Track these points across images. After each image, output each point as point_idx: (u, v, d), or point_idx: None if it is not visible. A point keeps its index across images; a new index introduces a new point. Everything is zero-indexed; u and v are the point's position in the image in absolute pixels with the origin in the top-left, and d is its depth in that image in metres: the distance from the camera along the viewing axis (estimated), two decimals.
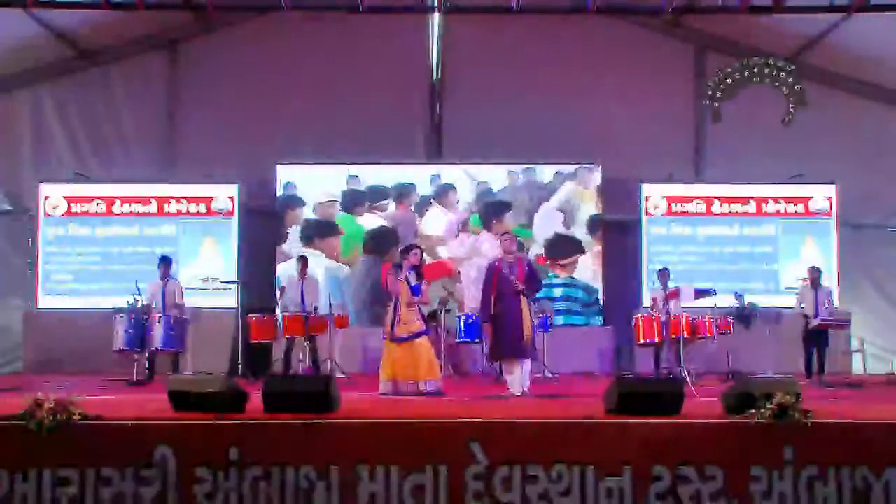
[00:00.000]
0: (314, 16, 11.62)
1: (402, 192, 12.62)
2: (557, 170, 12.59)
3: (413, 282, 8.22)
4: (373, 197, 12.62)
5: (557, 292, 12.43)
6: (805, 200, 12.65)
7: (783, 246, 12.62)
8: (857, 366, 12.02)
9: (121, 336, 9.86)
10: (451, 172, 12.64)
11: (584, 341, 12.10)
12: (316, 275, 11.38)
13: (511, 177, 12.63)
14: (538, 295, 9.28)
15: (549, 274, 12.35)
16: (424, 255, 8.90)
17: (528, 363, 8.15)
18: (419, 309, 8.28)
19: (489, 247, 12.14)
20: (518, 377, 7.99)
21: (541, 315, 10.42)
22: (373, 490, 5.25)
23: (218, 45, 12.88)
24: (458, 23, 11.79)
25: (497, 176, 12.66)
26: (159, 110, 12.98)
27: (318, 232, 12.54)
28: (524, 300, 8.05)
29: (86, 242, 12.41)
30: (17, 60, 12.25)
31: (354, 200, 12.60)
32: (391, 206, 12.64)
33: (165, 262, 10.41)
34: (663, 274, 10.50)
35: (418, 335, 8.14)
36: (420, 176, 12.63)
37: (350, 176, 12.59)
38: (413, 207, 12.61)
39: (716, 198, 12.67)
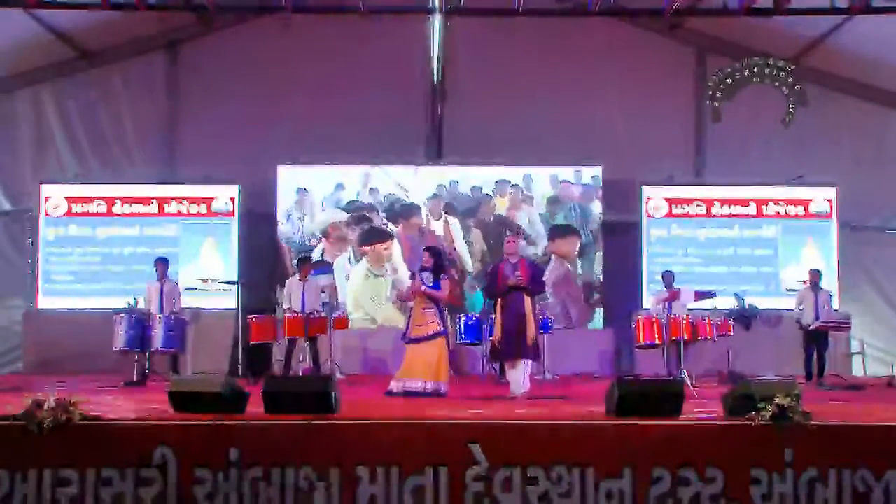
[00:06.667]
0: (315, 16, 11.60)
1: None
2: (558, 171, 12.58)
3: (429, 283, 8.21)
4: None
5: None
6: (805, 202, 12.62)
7: (783, 248, 12.59)
8: (857, 368, 12.00)
9: (121, 336, 9.85)
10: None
11: (584, 342, 12.08)
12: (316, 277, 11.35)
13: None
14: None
15: None
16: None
17: (529, 363, 8.16)
18: (438, 309, 8.21)
19: None
20: (519, 377, 7.98)
21: (541, 316, 10.42)
22: (373, 491, 5.25)
23: (218, 46, 12.85)
24: (459, 24, 11.76)
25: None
26: (159, 110, 12.95)
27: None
28: (528, 301, 8.05)
29: (86, 242, 12.38)
30: (17, 60, 12.23)
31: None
32: None
33: (163, 262, 10.42)
34: (667, 276, 10.47)
35: (433, 336, 8.11)
36: (421, 177, 12.63)
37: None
38: None
39: (716, 199, 12.64)
